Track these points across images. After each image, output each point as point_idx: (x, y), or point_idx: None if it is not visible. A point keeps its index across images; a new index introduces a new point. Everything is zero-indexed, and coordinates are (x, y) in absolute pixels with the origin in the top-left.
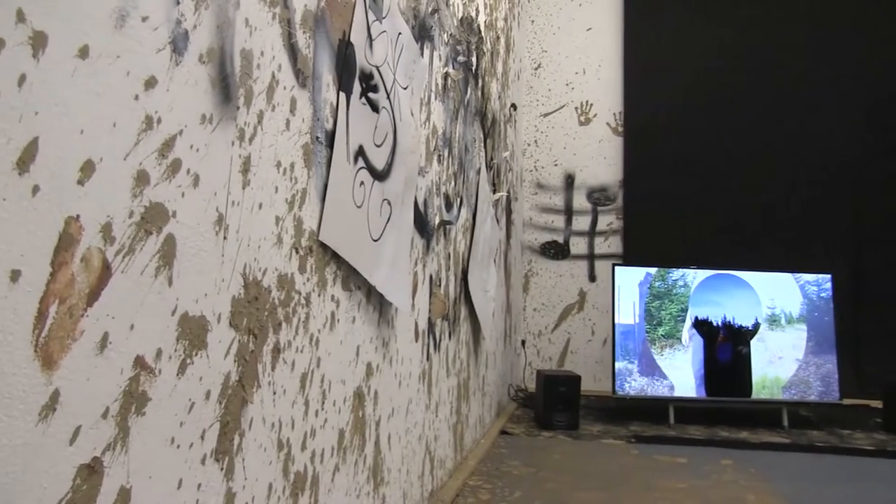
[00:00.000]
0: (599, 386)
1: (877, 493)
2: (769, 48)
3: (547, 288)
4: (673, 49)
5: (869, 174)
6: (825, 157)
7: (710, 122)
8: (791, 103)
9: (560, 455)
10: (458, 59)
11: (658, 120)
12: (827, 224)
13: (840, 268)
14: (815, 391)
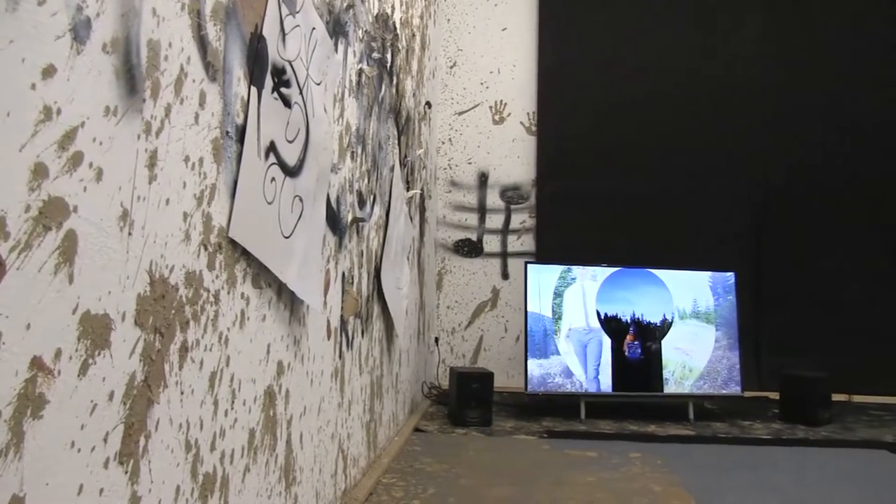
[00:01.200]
0: (512, 382)
1: (772, 478)
2: (679, 49)
3: (460, 286)
4: (586, 50)
5: (772, 176)
6: (732, 158)
7: (622, 121)
8: (700, 104)
9: (473, 451)
10: (373, 56)
11: (571, 119)
12: (732, 224)
13: (743, 266)
14: (719, 385)
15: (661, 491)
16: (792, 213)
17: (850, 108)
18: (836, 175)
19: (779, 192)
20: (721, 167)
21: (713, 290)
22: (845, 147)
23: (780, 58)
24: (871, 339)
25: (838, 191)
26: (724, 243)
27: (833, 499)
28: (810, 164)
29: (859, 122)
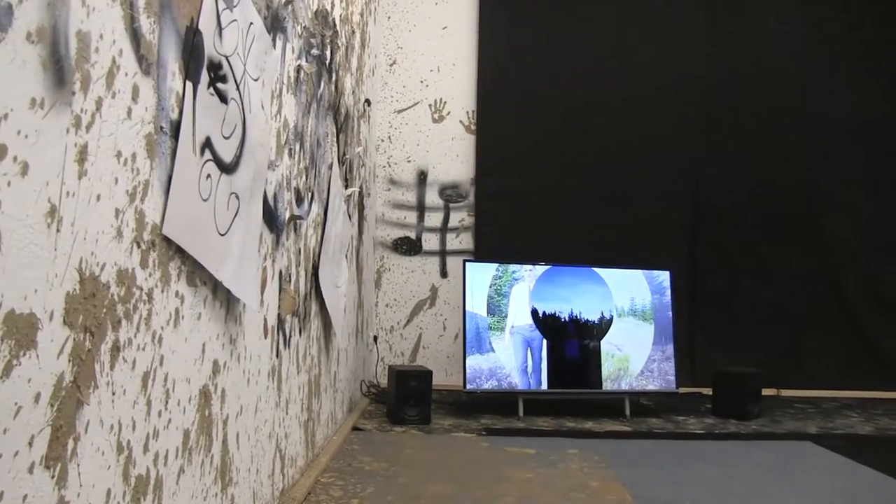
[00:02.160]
0: (451, 380)
1: (705, 471)
2: (618, 50)
3: (399, 284)
4: (526, 49)
5: (705, 178)
6: (667, 158)
7: (560, 121)
8: (637, 105)
9: (412, 449)
10: (312, 53)
11: (510, 119)
12: (667, 223)
13: (677, 265)
14: (655, 381)
15: (598, 486)
16: (724, 213)
17: (784, 110)
18: (767, 177)
19: (712, 193)
20: (657, 167)
21: (650, 288)
22: (778, 150)
23: (716, 61)
24: (798, 335)
25: (769, 192)
26: (660, 242)
27: (761, 489)
28: (743, 165)
29: (792, 124)
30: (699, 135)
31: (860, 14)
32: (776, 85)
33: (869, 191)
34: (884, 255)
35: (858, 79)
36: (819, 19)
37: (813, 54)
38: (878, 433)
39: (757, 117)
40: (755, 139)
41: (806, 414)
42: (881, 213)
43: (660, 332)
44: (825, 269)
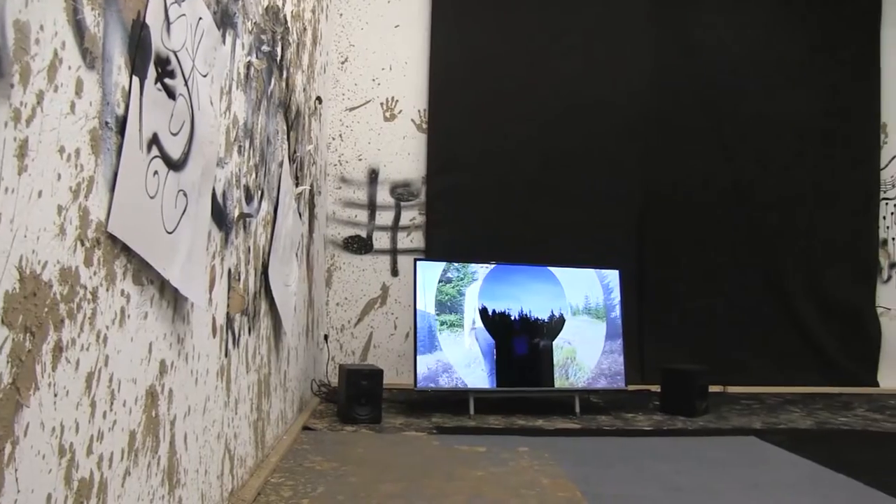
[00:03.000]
0: (402, 379)
1: (653, 467)
2: (567, 51)
3: (350, 282)
4: (478, 49)
5: (654, 178)
6: (617, 158)
7: (512, 120)
8: (588, 105)
9: (363, 448)
10: (263, 49)
11: (462, 117)
12: (616, 222)
13: (627, 264)
14: (605, 379)
15: (548, 483)
16: (673, 213)
17: (730, 112)
18: (714, 178)
19: (661, 193)
20: (607, 167)
21: (600, 287)
22: (725, 151)
23: (663, 63)
24: (744, 333)
25: (717, 193)
26: (609, 241)
27: (707, 484)
28: (691, 166)
29: (738, 126)
30: (648, 135)
31: (802, 17)
32: (722, 86)
33: (812, 192)
34: (825, 255)
35: (802, 81)
36: (762, 22)
37: (758, 57)
38: (817, 427)
39: (704, 118)
40: (702, 140)
41: (751, 410)
42: (824, 214)
43: (610, 330)
44: (770, 270)
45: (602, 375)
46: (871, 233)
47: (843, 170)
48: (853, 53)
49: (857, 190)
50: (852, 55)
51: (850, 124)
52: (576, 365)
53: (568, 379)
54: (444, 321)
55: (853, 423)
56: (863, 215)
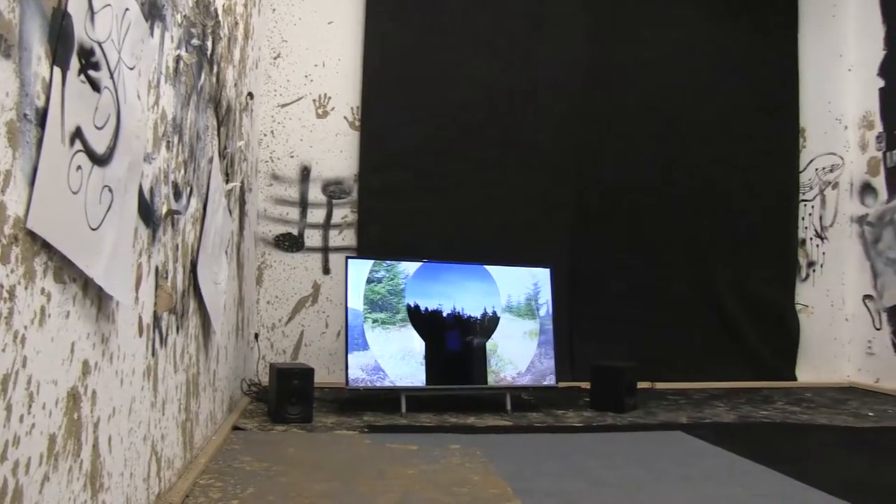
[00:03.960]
0: (334, 378)
1: (583, 463)
2: (503, 48)
3: (281, 280)
4: (412, 46)
5: (585, 177)
6: (551, 157)
7: (446, 118)
8: (522, 103)
9: (294, 448)
10: (193, 43)
11: (395, 115)
12: (549, 220)
13: (559, 262)
14: (536, 376)
15: (480, 480)
16: (604, 212)
17: (659, 113)
18: (645, 177)
19: (592, 192)
20: (540, 166)
21: (532, 285)
22: (656, 151)
23: (598, 63)
24: (672, 330)
25: (647, 192)
26: (542, 240)
27: (635, 477)
28: (622, 165)
29: (673, 124)
30: (581, 134)
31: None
32: (653, 88)
33: (737, 194)
34: (749, 255)
35: (728, 86)
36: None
37: (687, 60)
38: (740, 421)
39: (637, 119)
40: (634, 140)
41: (678, 405)
42: (747, 215)
43: (541, 328)
44: (697, 269)
45: (533, 373)
46: (791, 233)
47: (766, 172)
48: (774, 61)
49: (778, 192)
50: (774, 63)
51: (771, 129)
52: (507, 362)
53: (500, 376)
54: (376, 319)
55: (773, 416)
56: (783, 216)
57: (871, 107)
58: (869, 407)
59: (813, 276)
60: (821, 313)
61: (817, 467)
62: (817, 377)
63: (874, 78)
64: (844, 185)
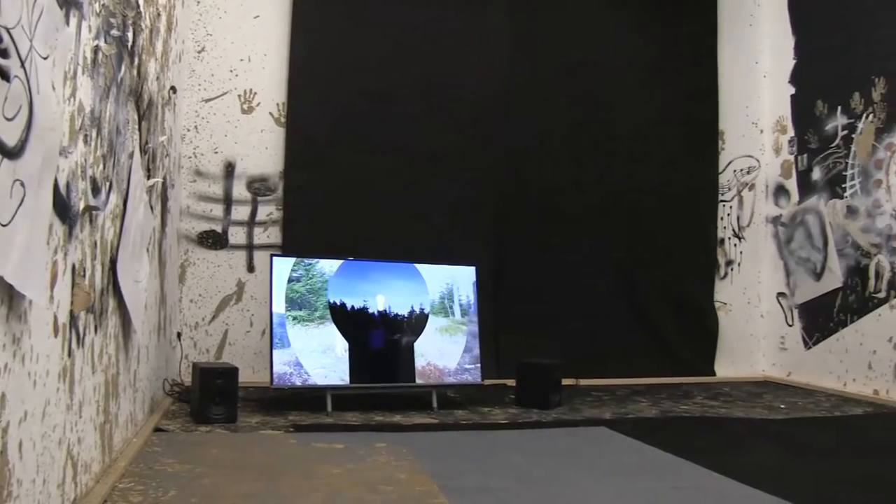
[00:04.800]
0: (258, 377)
1: (509, 459)
2: (429, 45)
3: (204, 278)
4: (339, 43)
5: (510, 176)
6: (476, 155)
7: (372, 115)
8: (449, 102)
9: (218, 449)
10: (112, 33)
11: (322, 112)
12: (475, 217)
13: (484, 259)
14: (462, 374)
15: (406, 478)
16: (529, 210)
17: (583, 115)
18: (570, 176)
19: (518, 191)
20: (466, 164)
21: (458, 282)
22: (581, 150)
23: (523, 64)
24: (597, 328)
25: (572, 191)
26: (467, 238)
27: (560, 473)
28: (548, 164)
29: (596, 127)
30: (506, 134)
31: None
32: (578, 91)
33: (660, 194)
34: (670, 254)
35: (651, 88)
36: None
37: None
38: (662, 415)
39: (560, 121)
40: (557, 141)
41: (602, 401)
42: (669, 215)
43: (466, 326)
44: (620, 267)
45: (459, 371)
46: (710, 233)
47: (687, 174)
48: (695, 67)
49: (698, 193)
50: (694, 69)
51: (692, 132)
52: (434, 360)
53: (426, 374)
54: (298, 317)
55: (693, 411)
56: (703, 217)
57: (784, 112)
58: (781, 399)
59: (731, 275)
60: (738, 310)
61: (733, 458)
62: (735, 372)
63: (787, 85)
64: (760, 187)
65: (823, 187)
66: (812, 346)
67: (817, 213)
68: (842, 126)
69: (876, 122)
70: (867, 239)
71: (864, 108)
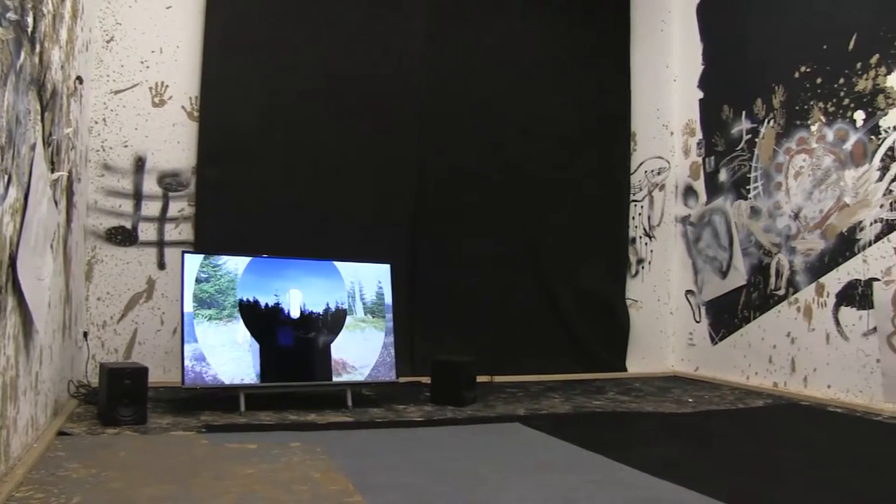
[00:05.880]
0: (170, 377)
1: (424, 456)
2: (346, 42)
3: (113, 276)
4: (254, 37)
5: (425, 173)
6: (393, 153)
7: (287, 111)
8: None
9: (126, 452)
10: (9, 17)
11: (236, 107)
12: (390, 215)
13: (399, 258)
14: (377, 372)
15: (320, 477)
16: (444, 208)
17: (498, 112)
18: (484, 176)
19: (434, 189)
20: (382, 161)
21: (372, 280)
22: (498, 149)
23: (438, 61)
24: (511, 325)
25: (487, 192)
26: (382, 235)
27: (474, 469)
28: (463, 164)
29: (513, 126)
30: (421, 131)
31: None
32: (495, 89)
33: (574, 193)
34: (584, 252)
35: (565, 89)
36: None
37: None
38: (575, 411)
39: (476, 119)
40: (472, 138)
41: (516, 398)
42: (582, 214)
43: (383, 323)
44: (535, 266)
45: (374, 368)
46: (622, 232)
47: (600, 174)
48: (609, 70)
49: (611, 193)
50: (608, 71)
51: (605, 133)
52: (349, 358)
53: (341, 372)
54: (209, 316)
55: (605, 406)
56: (616, 216)
57: (692, 115)
58: (689, 394)
59: (642, 273)
60: (649, 308)
61: (642, 451)
62: (645, 368)
63: (695, 89)
64: (670, 188)
65: (729, 189)
66: (718, 342)
67: (723, 213)
68: (746, 130)
69: (776, 127)
70: (769, 239)
71: (766, 113)
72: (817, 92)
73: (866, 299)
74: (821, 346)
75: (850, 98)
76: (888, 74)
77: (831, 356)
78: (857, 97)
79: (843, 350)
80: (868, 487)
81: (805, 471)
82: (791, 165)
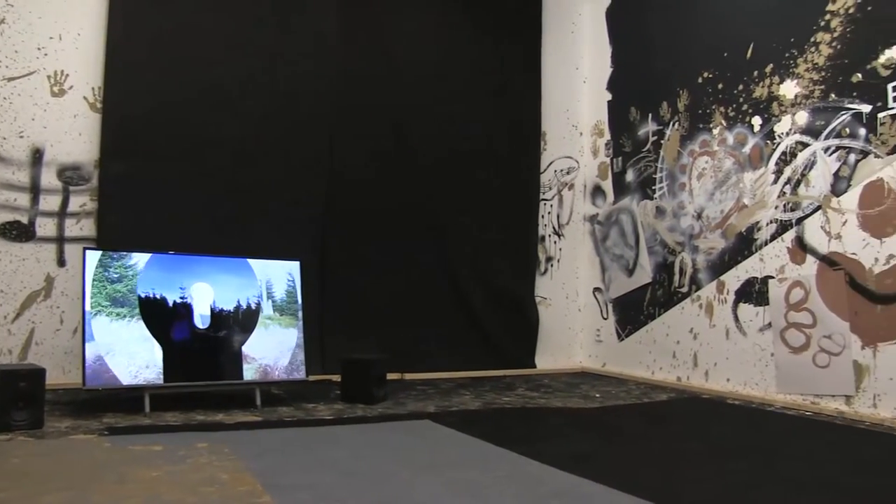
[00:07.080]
0: (70, 378)
1: (333, 455)
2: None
3: (7, 273)
4: (160, 27)
5: (336, 171)
6: (304, 151)
7: (195, 105)
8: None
9: (20, 458)
10: None
11: (141, 98)
12: (299, 212)
13: (309, 255)
14: (286, 370)
15: (228, 478)
16: (355, 206)
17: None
18: (398, 177)
19: (345, 189)
20: (293, 159)
21: (281, 278)
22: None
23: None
24: (422, 324)
25: (399, 193)
26: (292, 232)
27: (383, 467)
28: (376, 164)
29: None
30: (332, 130)
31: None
32: (407, 90)
33: (484, 191)
34: (494, 251)
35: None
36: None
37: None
38: (485, 407)
39: (387, 119)
40: (384, 139)
41: (426, 395)
42: (493, 213)
43: (292, 321)
44: (445, 264)
45: (284, 367)
46: (532, 230)
47: (510, 173)
48: (519, 70)
49: (521, 191)
50: (519, 71)
51: (516, 132)
52: (258, 356)
53: (250, 371)
54: (114, 314)
55: (514, 402)
56: (525, 214)
57: (601, 116)
58: (597, 389)
59: (551, 271)
60: (557, 305)
61: (551, 446)
62: (554, 364)
63: (604, 91)
64: (579, 187)
65: (636, 189)
66: (625, 338)
67: (630, 212)
68: (652, 132)
69: (680, 129)
70: (673, 238)
71: (671, 116)
72: (719, 97)
73: (763, 296)
74: (721, 342)
75: (749, 104)
76: (781, 83)
77: (730, 351)
78: (755, 103)
79: (741, 345)
80: (765, 474)
81: (707, 462)
82: (694, 167)
